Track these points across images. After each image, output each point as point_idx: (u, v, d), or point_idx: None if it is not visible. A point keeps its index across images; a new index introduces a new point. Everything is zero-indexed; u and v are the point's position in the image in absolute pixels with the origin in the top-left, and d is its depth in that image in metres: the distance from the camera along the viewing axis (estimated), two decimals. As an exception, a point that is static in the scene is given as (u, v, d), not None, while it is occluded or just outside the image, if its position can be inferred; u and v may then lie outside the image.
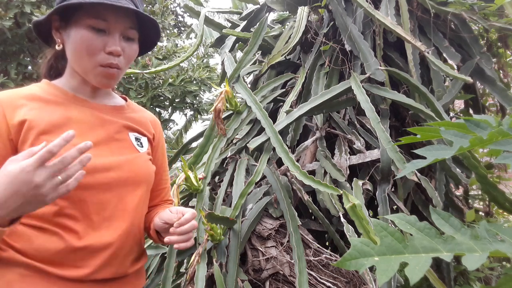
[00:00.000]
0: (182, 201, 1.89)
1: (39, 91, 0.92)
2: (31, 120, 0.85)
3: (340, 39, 2.09)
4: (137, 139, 1.00)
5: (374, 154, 1.81)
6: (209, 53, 5.72)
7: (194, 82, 5.07)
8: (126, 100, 1.07)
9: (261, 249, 1.62)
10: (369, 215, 1.56)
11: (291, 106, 1.97)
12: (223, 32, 2.39)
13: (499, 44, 2.17)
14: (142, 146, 1.01)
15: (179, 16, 6.96)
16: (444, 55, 1.93)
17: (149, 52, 5.14)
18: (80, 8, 0.87)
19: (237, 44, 2.48)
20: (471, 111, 2.31)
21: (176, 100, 5.15)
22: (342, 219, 1.55)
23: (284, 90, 2.18)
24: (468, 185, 2.15)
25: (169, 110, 5.49)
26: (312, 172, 1.88)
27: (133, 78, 4.73)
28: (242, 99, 2.03)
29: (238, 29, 2.43)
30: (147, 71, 2.68)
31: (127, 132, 0.99)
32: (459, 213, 1.98)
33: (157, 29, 0.98)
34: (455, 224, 0.67)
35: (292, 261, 1.53)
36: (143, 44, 1.01)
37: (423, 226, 0.66)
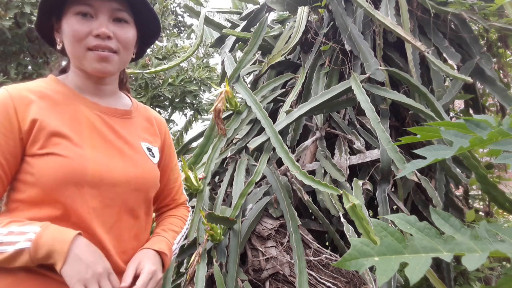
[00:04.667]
0: (182, 201, 1.89)
1: (48, 90, 0.89)
2: (42, 120, 0.82)
3: (340, 39, 2.09)
4: (148, 149, 0.99)
5: (374, 154, 1.81)
6: (209, 53, 5.72)
7: (194, 82, 5.07)
8: (131, 100, 1.05)
9: (261, 249, 1.61)
10: (369, 215, 1.56)
11: (291, 106, 1.97)
12: (223, 32, 2.39)
13: (499, 44, 2.17)
14: (154, 156, 0.99)
15: (179, 16, 6.95)
16: (444, 55, 1.93)
17: (149, 52, 5.14)
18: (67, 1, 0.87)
19: (237, 44, 2.48)
20: (471, 111, 2.31)
21: (176, 100, 5.15)
22: (342, 219, 1.55)
23: (284, 90, 2.18)
24: (468, 185, 2.15)
25: (169, 110, 5.49)
26: (312, 172, 1.88)
27: (133, 78, 4.73)
28: (242, 99, 2.03)
29: (238, 29, 2.42)
30: (147, 71, 2.68)
31: (139, 141, 0.97)
32: (459, 213, 1.98)
33: (154, 14, 0.96)
34: (455, 224, 0.67)
35: (292, 261, 1.53)
36: (146, 37, 1.00)
37: (423, 226, 0.66)
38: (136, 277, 0.85)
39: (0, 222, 0.78)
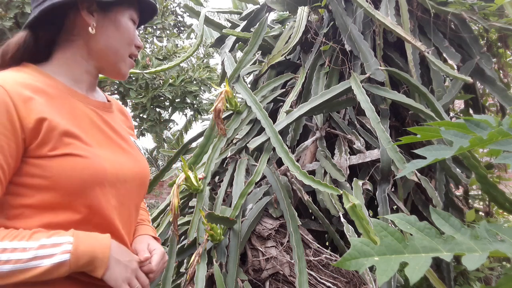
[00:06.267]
0: (182, 201, 1.89)
1: (39, 83, 0.81)
2: (51, 119, 0.76)
3: (340, 39, 2.09)
4: (134, 141, 0.99)
5: (374, 154, 1.81)
6: (209, 53, 5.72)
7: (194, 82, 5.07)
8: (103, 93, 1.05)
9: (261, 249, 1.61)
10: (369, 215, 1.56)
11: (291, 106, 1.97)
12: (223, 32, 2.39)
13: (499, 44, 2.17)
14: (140, 150, 1.00)
15: (179, 16, 6.94)
16: (444, 55, 1.93)
17: (149, 53, 5.14)
18: None
19: (237, 44, 2.48)
20: (471, 111, 2.31)
21: (177, 100, 5.15)
22: (342, 219, 1.55)
23: (284, 90, 2.18)
24: (468, 185, 2.15)
25: (169, 110, 5.49)
26: (312, 172, 1.88)
27: (133, 78, 4.72)
28: (242, 99, 2.03)
29: (238, 29, 2.42)
30: (147, 71, 2.67)
31: (128, 134, 0.97)
32: (459, 213, 1.98)
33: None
34: (455, 224, 0.67)
35: (292, 261, 1.53)
36: None
37: (423, 226, 0.66)
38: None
39: (19, 235, 0.72)
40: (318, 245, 1.64)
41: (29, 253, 0.69)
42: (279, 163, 1.89)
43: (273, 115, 2.15)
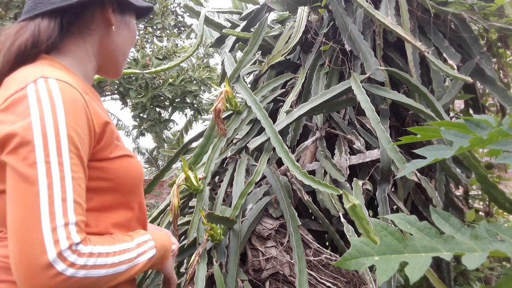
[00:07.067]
0: (182, 201, 1.89)
1: (79, 82, 0.77)
2: (111, 122, 0.77)
3: (340, 39, 2.09)
4: None
5: (374, 154, 1.81)
6: (209, 53, 5.72)
7: (194, 82, 5.07)
8: None
9: (261, 249, 1.62)
10: (369, 215, 1.56)
11: (291, 106, 1.97)
12: (223, 32, 2.39)
13: (499, 44, 2.17)
14: None
15: (179, 16, 6.94)
16: (444, 55, 1.93)
17: (149, 52, 5.14)
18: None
19: (237, 44, 2.48)
20: (471, 111, 2.31)
21: (176, 100, 5.15)
22: (342, 219, 1.55)
23: (284, 90, 2.18)
24: (468, 185, 2.15)
25: (169, 110, 5.49)
26: (312, 172, 1.88)
27: (133, 78, 4.72)
28: (242, 99, 2.03)
29: (238, 29, 2.42)
30: (147, 71, 2.67)
31: None
32: (459, 213, 1.98)
33: None
34: (455, 224, 0.67)
35: (292, 261, 1.53)
36: None
37: (423, 226, 0.66)
38: None
39: (117, 237, 0.75)
40: (318, 245, 1.64)
41: (133, 252, 0.74)
42: (279, 163, 1.89)
43: (273, 115, 2.15)
